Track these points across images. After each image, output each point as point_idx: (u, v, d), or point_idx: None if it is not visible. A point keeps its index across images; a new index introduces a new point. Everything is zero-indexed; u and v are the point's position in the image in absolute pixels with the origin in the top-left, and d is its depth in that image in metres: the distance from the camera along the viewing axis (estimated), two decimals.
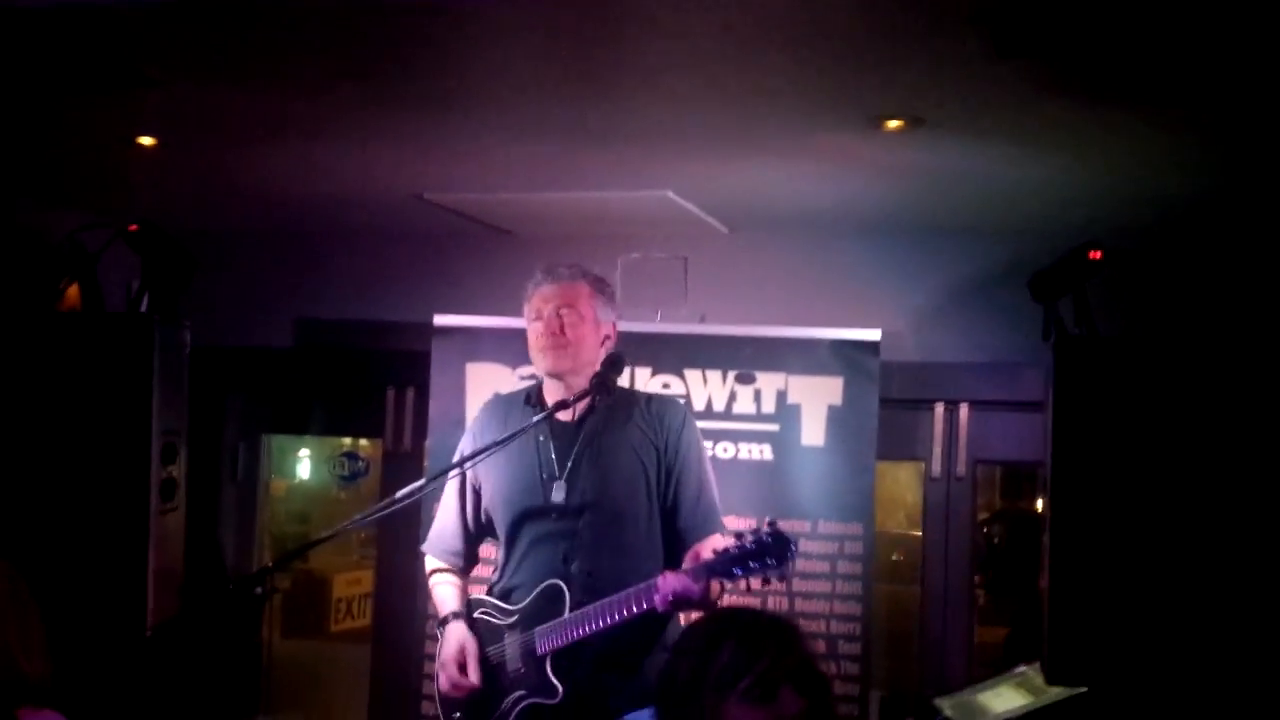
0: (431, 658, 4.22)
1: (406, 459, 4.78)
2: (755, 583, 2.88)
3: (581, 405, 3.18)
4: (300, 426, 5.31)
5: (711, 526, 3.20)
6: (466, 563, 3.39)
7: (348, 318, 4.98)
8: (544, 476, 3.17)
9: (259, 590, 2.84)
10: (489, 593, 3.28)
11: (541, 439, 3.19)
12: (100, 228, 3.29)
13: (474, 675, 3.15)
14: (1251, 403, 2.83)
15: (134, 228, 3.23)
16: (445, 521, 3.37)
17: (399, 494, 3.02)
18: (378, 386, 4.87)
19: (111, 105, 3.26)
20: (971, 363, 4.45)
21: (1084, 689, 3.02)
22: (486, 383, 4.29)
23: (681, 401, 3.51)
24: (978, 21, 2.45)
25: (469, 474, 3.29)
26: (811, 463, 4.09)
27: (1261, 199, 3.84)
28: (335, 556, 6.22)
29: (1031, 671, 3.44)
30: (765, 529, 2.86)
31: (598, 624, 2.99)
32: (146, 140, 3.59)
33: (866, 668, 4.06)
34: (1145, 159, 3.45)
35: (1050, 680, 2.89)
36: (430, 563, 3.41)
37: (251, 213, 4.71)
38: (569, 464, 3.15)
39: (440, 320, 4.34)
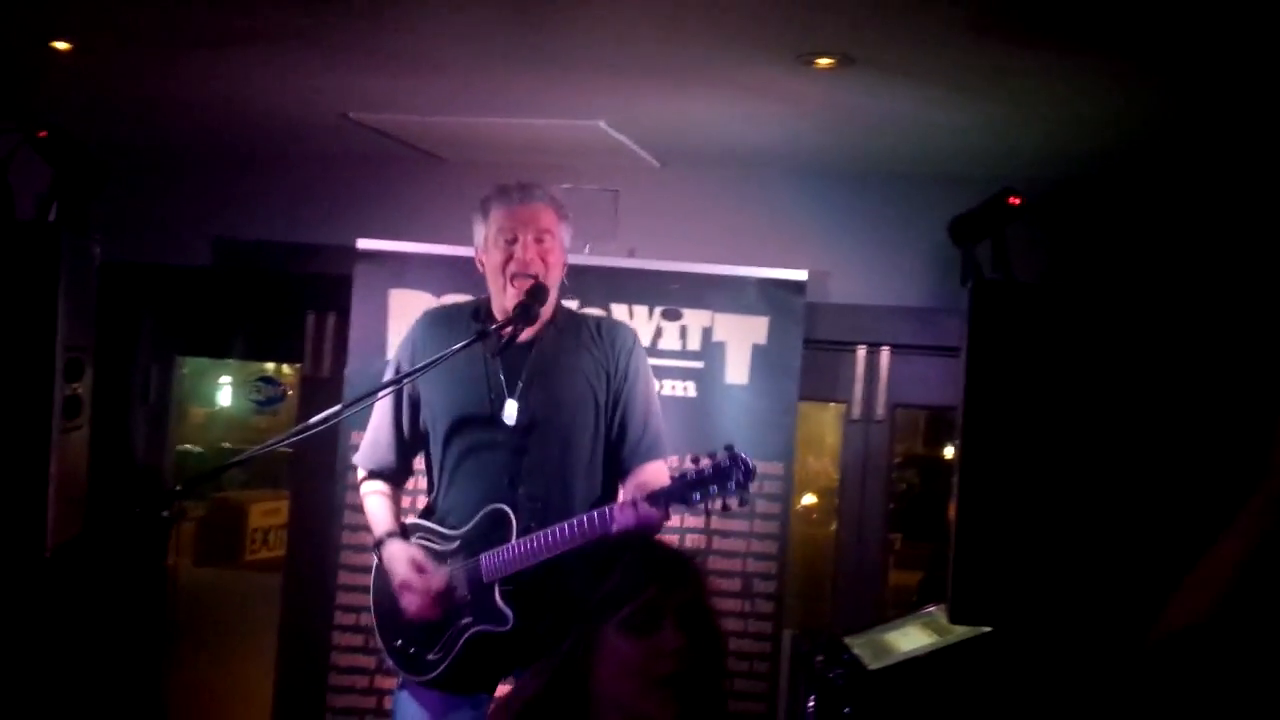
0: (347, 588, 4.21)
1: (326, 384, 4.70)
2: (714, 506, 2.83)
3: (535, 327, 3.11)
4: (217, 349, 5.19)
5: (655, 453, 3.16)
6: (399, 475, 3.30)
7: (269, 239, 4.88)
8: (492, 396, 3.09)
9: (165, 514, 2.78)
10: (424, 516, 3.22)
11: (490, 357, 3.10)
12: (6, 133, 3.17)
13: (437, 580, 3.06)
14: (1164, 351, 2.87)
15: (43, 134, 3.11)
16: (379, 432, 3.27)
17: (314, 419, 2.95)
18: (298, 310, 4.77)
19: (26, 6, 3.14)
20: (895, 306, 4.48)
21: (987, 629, 3.08)
22: (410, 309, 4.21)
23: (630, 326, 3.50)
24: None
25: (408, 392, 3.21)
26: (735, 401, 4.11)
27: (1185, 148, 3.88)
28: (251, 486, 6.15)
29: (939, 612, 3.50)
30: (723, 453, 2.82)
31: (548, 551, 2.95)
32: (61, 45, 3.47)
33: (780, 607, 4.11)
34: (1074, 105, 3.46)
35: (953, 619, 2.93)
36: (362, 475, 3.32)
37: (171, 126, 4.57)
38: (519, 384, 3.09)
39: (364, 244, 4.27)
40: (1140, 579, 2.86)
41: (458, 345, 3.03)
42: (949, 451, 5.53)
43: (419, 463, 3.33)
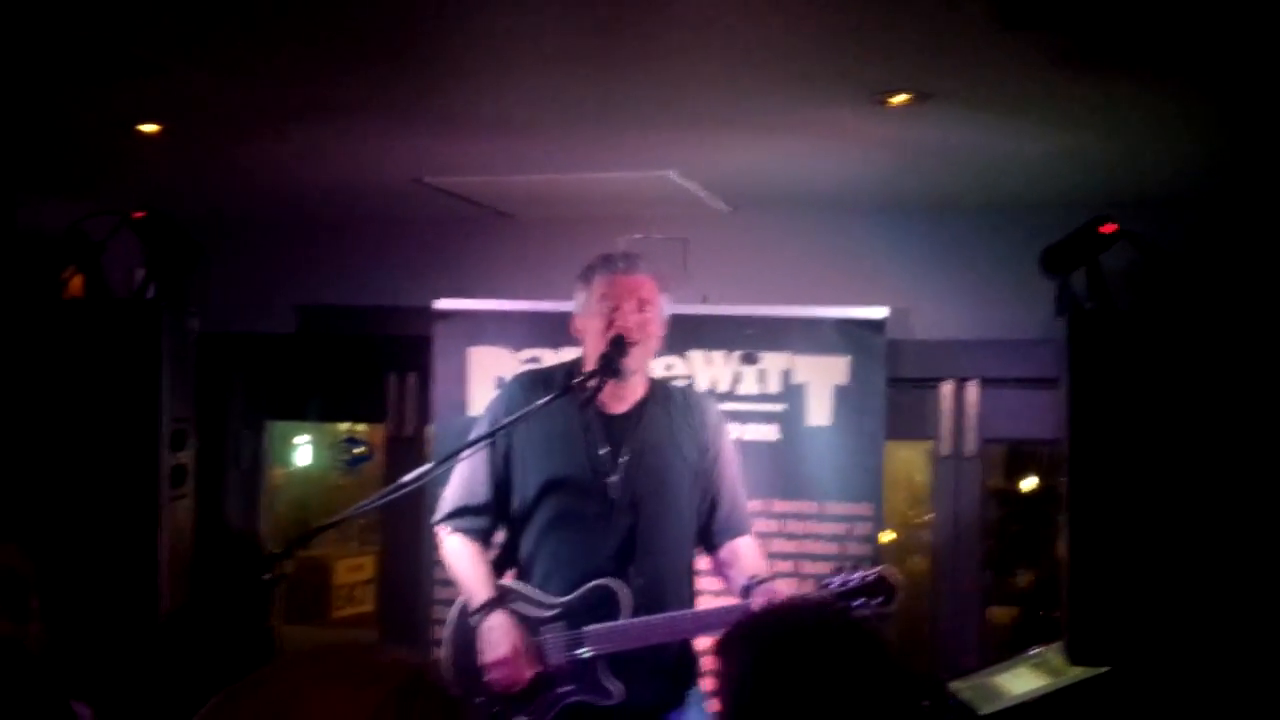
0: (440, 643, 4.22)
1: (409, 444, 4.76)
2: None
3: (633, 398, 3.13)
4: (303, 412, 5.27)
5: (744, 527, 3.18)
6: (487, 534, 3.23)
7: (350, 303, 4.95)
8: (593, 465, 3.09)
9: (268, 576, 2.82)
10: (519, 578, 3.19)
11: (589, 430, 3.11)
12: (104, 215, 3.27)
13: (529, 670, 3.03)
14: (1269, 375, 2.81)
15: (140, 215, 3.20)
16: (471, 488, 3.18)
17: (405, 478, 2.97)
18: (380, 371, 4.84)
19: (113, 93, 3.23)
20: (980, 340, 4.42)
21: (1105, 669, 3.00)
22: (489, 366, 4.27)
23: (713, 399, 3.50)
24: None
25: (500, 448, 3.14)
26: (819, 443, 4.08)
27: (1274, 169, 3.82)
28: (336, 543, 6.19)
29: (1049, 652, 3.41)
30: (872, 572, 2.84)
31: (669, 635, 2.98)
32: (149, 127, 3.56)
33: None
34: (1155, 130, 3.42)
35: (1072, 660, 2.85)
36: (451, 540, 3.21)
37: (253, 198, 4.68)
38: (621, 459, 3.08)
39: (441, 304, 4.31)
40: (1260, 612, 2.79)
41: (546, 399, 3.04)
42: (1025, 484, 5.44)
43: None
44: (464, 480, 3.21)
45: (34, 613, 2.44)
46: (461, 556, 3.21)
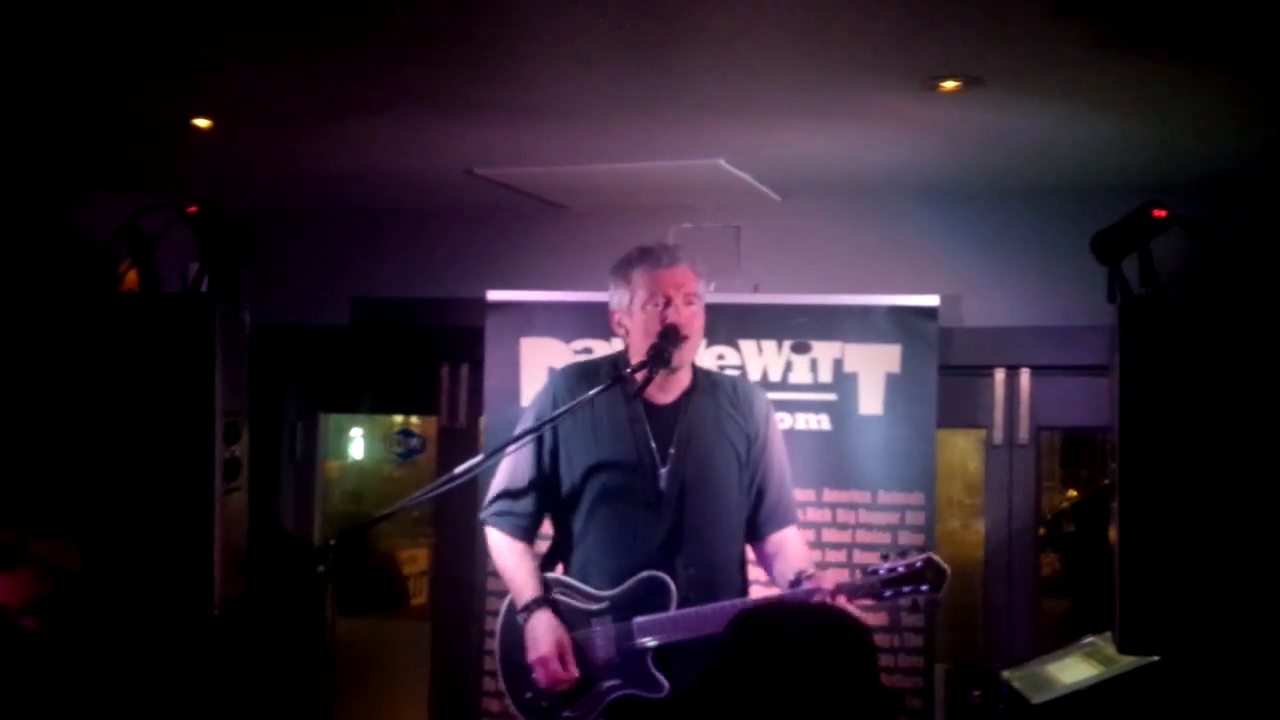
0: (494, 634, 4.26)
1: (461, 435, 4.80)
2: (904, 603, 2.87)
3: (678, 389, 3.15)
4: (356, 405, 5.32)
5: (790, 518, 3.19)
6: (533, 529, 3.29)
7: (403, 295, 5.00)
8: (645, 461, 3.11)
9: (321, 568, 2.86)
10: (565, 572, 3.22)
11: (637, 421, 3.13)
12: (159, 210, 3.32)
13: (573, 669, 3.07)
14: None
15: (193, 209, 3.26)
16: (514, 485, 3.23)
17: (458, 469, 3.02)
18: (432, 363, 4.88)
19: (167, 88, 3.27)
20: (1032, 327, 4.38)
21: (1156, 658, 2.98)
22: (541, 357, 4.29)
23: (761, 388, 3.52)
24: None
25: (546, 441, 3.17)
26: (870, 432, 4.06)
27: None
28: (394, 535, 6.25)
29: (1100, 641, 3.40)
30: (919, 558, 2.82)
31: (718, 626, 2.95)
32: (202, 122, 3.61)
33: (930, 640, 4.03)
34: (1208, 114, 3.37)
35: (1122, 649, 2.84)
36: (495, 536, 3.29)
37: (306, 192, 4.73)
38: (670, 450, 3.10)
39: (493, 296, 4.34)
40: None
41: (595, 390, 3.06)
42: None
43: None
44: (507, 471, 3.27)
45: (81, 612, 2.48)
46: (506, 552, 3.26)
